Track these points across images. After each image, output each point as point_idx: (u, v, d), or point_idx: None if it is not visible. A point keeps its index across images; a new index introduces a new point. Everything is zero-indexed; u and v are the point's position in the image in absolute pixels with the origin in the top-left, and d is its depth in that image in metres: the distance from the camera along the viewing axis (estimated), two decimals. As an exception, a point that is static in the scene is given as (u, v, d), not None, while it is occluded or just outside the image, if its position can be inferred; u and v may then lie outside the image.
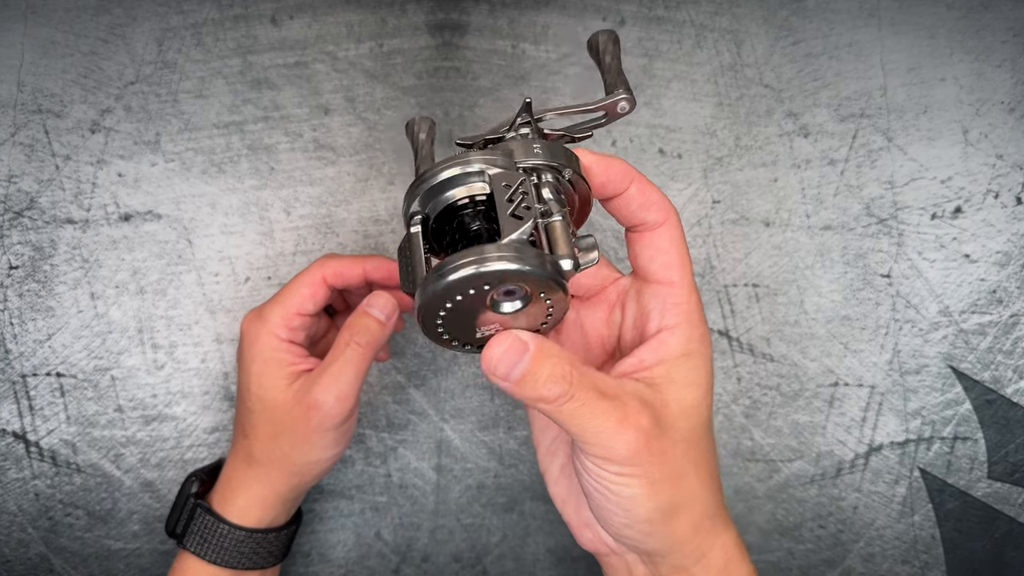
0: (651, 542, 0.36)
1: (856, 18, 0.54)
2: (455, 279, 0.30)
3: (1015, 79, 0.53)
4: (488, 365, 0.33)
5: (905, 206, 0.54)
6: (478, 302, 0.32)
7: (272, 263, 0.53)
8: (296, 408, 0.43)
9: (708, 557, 0.37)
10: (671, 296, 0.37)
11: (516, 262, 0.30)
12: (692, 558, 0.37)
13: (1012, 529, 0.54)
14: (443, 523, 0.55)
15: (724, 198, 0.54)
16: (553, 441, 0.41)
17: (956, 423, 0.54)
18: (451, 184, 0.33)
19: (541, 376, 0.32)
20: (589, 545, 0.40)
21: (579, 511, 0.40)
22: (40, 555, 0.53)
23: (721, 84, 0.54)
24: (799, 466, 0.54)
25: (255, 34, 0.53)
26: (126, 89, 0.53)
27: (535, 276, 0.31)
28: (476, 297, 0.31)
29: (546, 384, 0.32)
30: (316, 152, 0.54)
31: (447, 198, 0.34)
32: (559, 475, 0.41)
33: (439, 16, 0.54)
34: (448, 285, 0.31)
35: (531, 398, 0.33)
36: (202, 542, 0.44)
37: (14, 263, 0.53)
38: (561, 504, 0.41)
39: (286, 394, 0.43)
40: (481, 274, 0.30)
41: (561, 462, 0.40)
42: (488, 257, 0.30)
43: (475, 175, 0.33)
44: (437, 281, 0.31)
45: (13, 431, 0.53)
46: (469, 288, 0.31)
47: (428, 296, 0.31)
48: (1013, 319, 0.53)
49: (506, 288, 0.31)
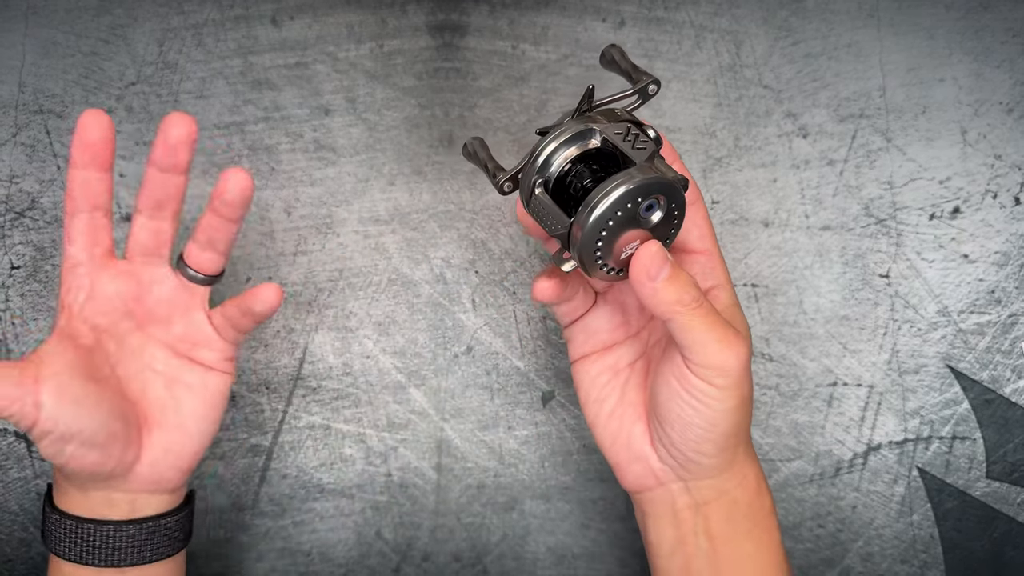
0: (717, 460, 0.40)
1: (855, 19, 0.54)
2: (617, 196, 0.35)
3: (1014, 80, 0.53)
4: (641, 267, 0.36)
5: (904, 206, 0.54)
6: (626, 221, 0.36)
7: (273, 263, 0.54)
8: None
9: (747, 478, 0.41)
10: (708, 262, 0.42)
11: (658, 172, 0.35)
12: (736, 479, 0.41)
13: (1011, 528, 0.54)
14: (443, 522, 0.55)
15: (723, 198, 0.54)
16: (603, 388, 0.44)
17: (955, 423, 0.54)
18: (565, 146, 0.38)
19: (681, 279, 0.36)
20: (635, 481, 0.42)
21: (630, 446, 0.42)
22: (42, 555, 0.53)
23: (720, 85, 0.54)
24: (798, 466, 0.55)
25: (256, 35, 0.53)
26: (127, 90, 0.53)
27: (672, 183, 0.36)
28: (625, 216, 0.35)
29: (686, 287, 0.36)
30: (316, 153, 0.54)
31: (565, 157, 0.38)
32: (608, 418, 0.43)
33: (439, 17, 0.54)
34: (612, 203, 0.35)
35: (671, 301, 0.36)
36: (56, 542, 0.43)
37: (16, 263, 0.53)
38: (610, 444, 0.43)
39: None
40: (637, 187, 0.35)
41: (611, 406, 0.43)
42: (634, 175, 0.35)
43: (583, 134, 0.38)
44: (601, 202, 0.35)
45: (14, 431, 0.53)
46: (627, 203, 0.35)
47: (593, 222, 0.35)
48: (1011, 319, 0.54)
49: (647, 202, 0.36)
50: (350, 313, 0.54)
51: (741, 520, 0.41)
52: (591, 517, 0.55)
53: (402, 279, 0.54)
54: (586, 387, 0.44)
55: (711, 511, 0.41)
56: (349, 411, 0.54)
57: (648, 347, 0.44)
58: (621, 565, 0.55)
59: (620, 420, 0.43)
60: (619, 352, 0.44)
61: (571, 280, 0.42)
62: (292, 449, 0.54)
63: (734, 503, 0.41)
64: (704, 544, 0.41)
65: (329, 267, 0.54)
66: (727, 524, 0.41)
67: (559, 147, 0.38)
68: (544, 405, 0.55)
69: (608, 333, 0.44)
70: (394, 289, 0.54)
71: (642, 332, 0.44)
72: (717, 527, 0.41)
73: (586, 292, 0.43)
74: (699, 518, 0.41)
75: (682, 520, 0.41)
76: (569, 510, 0.55)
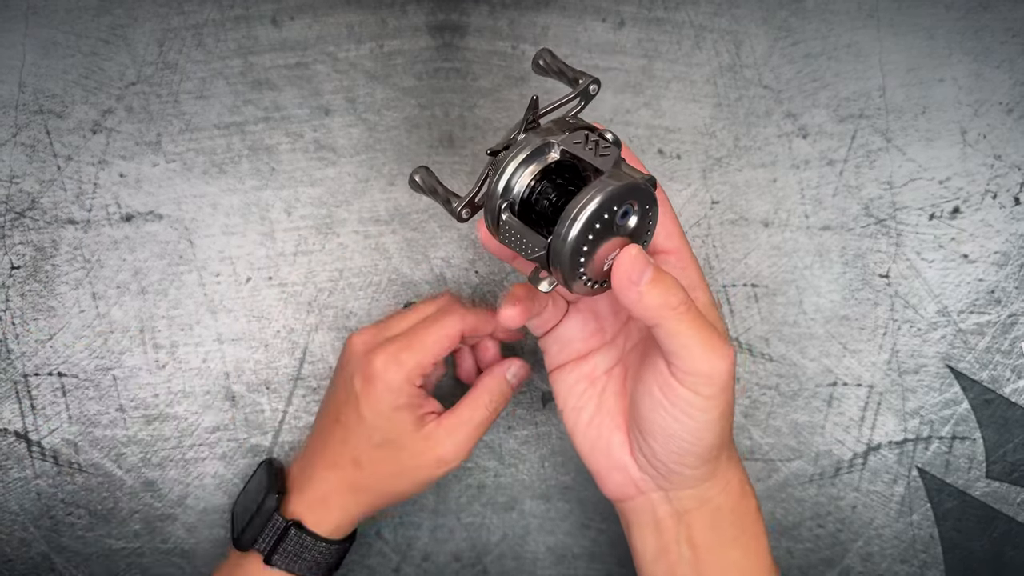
0: (700, 471, 0.39)
1: (855, 19, 0.54)
2: (593, 209, 0.34)
3: (1013, 80, 0.54)
4: (623, 271, 0.35)
5: (904, 206, 0.54)
6: (604, 231, 0.35)
7: (273, 263, 0.54)
8: (425, 456, 0.46)
9: (731, 484, 0.41)
10: (679, 262, 0.40)
11: (630, 177, 0.35)
12: (719, 487, 0.40)
13: (1010, 528, 0.54)
14: (443, 522, 0.55)
15: (723, 198, 0.54)
16: (580, 397, 0.43)
17: (954, 423, 0.54)
18: (525, 165, 0.37)
19: (666, 281, 0.35)
20: (616, 490, 0.42)
21: (610, 455, 0.42)
22: (42, 554, 0.53)
23: (720, 85, 0.54)
24: (798, 465, 0.55)
25: (256, 35, 0.53)
26: (127, 90, 0.53)
27: (644, 185, 0.35)
28: (603, 227, 0.35)
29: (672, 289, 0.35)
30: (317, 153, 0.54)
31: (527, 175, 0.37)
32: (587, 427, 0.43)
33: (439, 17, 0.54)
34: (589, 217, 0.34)
35: (657, 305, 0.35)
36: (295, 558, 0.46)
37: (16, 263, 0.53)
38: (589, 452, 0.43)
39: (414, 439, 0.46)
40: (611, 195, 0.34)
41: (589, 415, 0.43)
42: (606, 183, 0.34)
43: (541, 149, 0.37)
44: (578, 218, 0.34)
45: (15, 431, 0.53)
46: (603, 214, 0.34)
47: (573, 239, 0.34)
48: (1011, 319, 0.54)
49: (623, 209, 0.35)
50: (350, 313, 0.54)
51: (726, 527, 0.41)
52: (591, 517, 0.55)
53: (402, 279, 0.54)
54: (563, 395, 0.44)
55: (694, 519, 0.40)
56: (349, 411, 0.54)
57: (624, 353, 0.43)
58: (621, 565, 0.55)
59: (599, 429, 0.42)
60: (595, 360, 0.43)
61: (538, 295, 0.41)
62: (292, 449, 0.54)
63: (717, 510, 0.41)
64: (687, 552, 0.41)
65: (329, 267, 0.54)
66: (711, 532, 0.41)
67: (519, 167, 0.37)
68: (544, 405, 0.55)
69: (582, 342, 0.44)
70: (394, 289, 0.54)
71: (617, 338, 0.43)
72: (700, 535, 0.41)
73: (556, 304, 0.43)
74: (682, 527, 0.41)
75: (664, 529, 0.41)
76: (569, 510, 0.55)
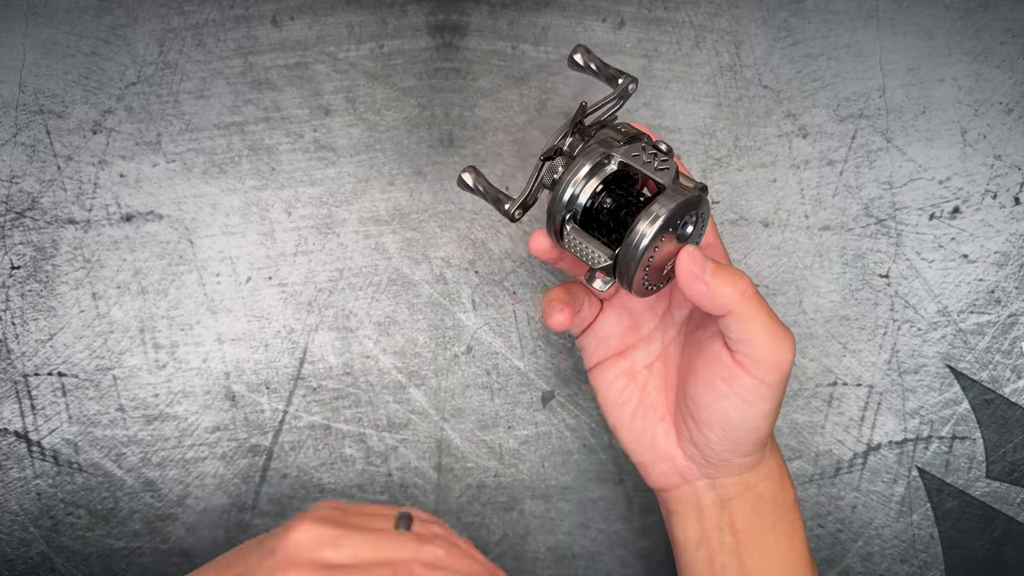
0: (751, 459, 0.41)
1: (855, 19, 0.54)
2: (660, 225, 0.36)
3: (1013, 80, 0.54)
4: (686, 269, 0.37)
5: (904, 206, 0.54)
6: (666, 240, 0.37)
7: (273, 263, 0.54)
8: None
9: (772, 471, 0.42)
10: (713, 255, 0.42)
11: (691, 192, 0.37)
12: (762, 473, 0.41)
13: (1010, 528, 0.54)
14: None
15: (723, 198, 0.54)
16: (621, 392, 0.44)
17: (954, 422, 0.54)
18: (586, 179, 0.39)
19: (728, 270, 0.37)
20: (660, 479, 0.43)
21: (655, 447, 0.43)
22: (42, 554, 0.53)
23: (720, 85, 0.54)
24: (798, 465, 0.55)
25: (256, 35, 0.53)
26: (127, 90, 0.53)
27: (701, 197, 0.38)
28: (666, 237, 0.37)
29: (737, 276, 0.37)
30: (317, 153, 0.54)
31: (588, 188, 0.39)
32: (631, 421, 0.44)
33: (439, 17, 0.54)
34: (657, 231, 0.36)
35: (728, 293, 0.37)
36: None
37: (16, 263, 0.53)
38: (634, 445, 0.44)
39: None
40: (676, 211, 0.37)
41: (632, 409, 0.44)
42: (671, 198, 0.37)
43: (601, 163, 0.39)
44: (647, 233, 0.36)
45: (15, 431, 0.53)
46: (668, 227, 0.37)
47: (641, 251, 0.37)
48: (1011, 319, 0.54)
49: (684, 220, 0.38)
50: (350, 313, 0.54)
51: (766, 513, 0.42)
52: (591, 517, 0.55)
53: (402, 279, 0.54)
54: (604, 392, 0.45)
55: (736, 506, 0.41)
56: (349, 411, 0.54)
57: (664, 348, 0.44)
58: (621, 565, 0.55)
59: (643, 422, 0.43)
60: (633, 355, 0.44)
61: (575, 293, 0.42)
62: (292, 449, 0.54)
63: (759, 497, 0.41)
64: (728, 539, 0.42)
65: (329, 267, 0.54)
66: (752, 518, 0.42)
67: (580, 180, 0.39)
68: (544, 405, 0.55)
69: (618, 338, 0.44)
70: (394, 289, 0.54)
71: (655, 333, 0.44)
72: (742, 521, 0.41)
73: (591, 301, 0.44)
74: (724, 513, 0.42)
75: (707, 516, 0.42)
76: (569, 510, 0.55)
